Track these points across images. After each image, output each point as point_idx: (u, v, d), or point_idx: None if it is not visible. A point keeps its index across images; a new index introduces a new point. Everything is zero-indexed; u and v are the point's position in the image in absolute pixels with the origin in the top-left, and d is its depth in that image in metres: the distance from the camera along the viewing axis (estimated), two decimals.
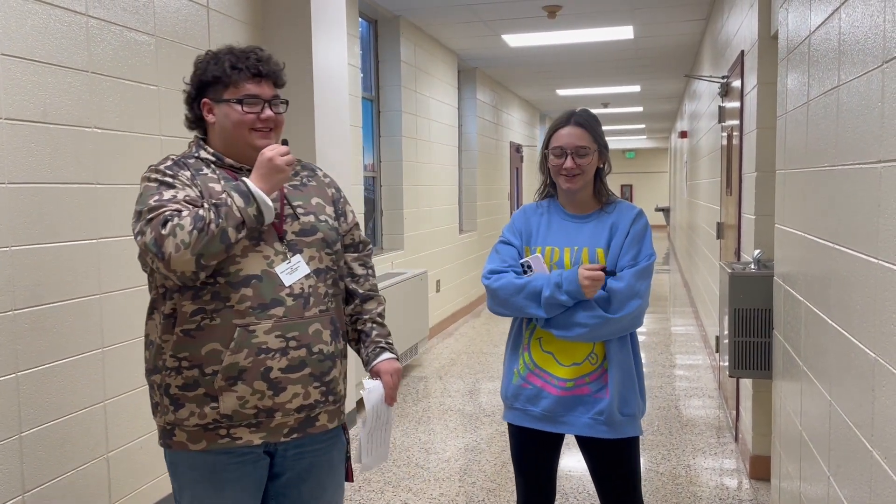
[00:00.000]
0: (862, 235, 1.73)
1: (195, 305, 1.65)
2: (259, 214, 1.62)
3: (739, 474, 3.67)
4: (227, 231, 1.57)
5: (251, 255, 1.66)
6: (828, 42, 2.08)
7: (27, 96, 2.40)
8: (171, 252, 1.55)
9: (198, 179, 1.70)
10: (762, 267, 3.20)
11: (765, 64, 3.47)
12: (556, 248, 2.08)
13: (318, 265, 1.75)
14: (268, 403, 1.67)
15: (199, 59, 1.78)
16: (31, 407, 2.43)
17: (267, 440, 1.71)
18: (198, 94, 1.77)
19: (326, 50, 4.02)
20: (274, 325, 1.65)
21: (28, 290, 2.40)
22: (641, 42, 7.50)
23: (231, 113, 1.72)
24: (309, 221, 1.77)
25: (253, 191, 1.62)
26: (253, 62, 1.73)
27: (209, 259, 1.58)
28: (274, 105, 1.77)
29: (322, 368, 1.73)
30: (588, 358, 2.04)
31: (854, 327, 1.79)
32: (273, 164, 1.65)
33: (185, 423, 1.68)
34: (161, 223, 1.57)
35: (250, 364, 1.64)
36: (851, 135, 1.83)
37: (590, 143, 2.05)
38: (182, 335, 1.66)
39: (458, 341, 7.02)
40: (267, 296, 1.65)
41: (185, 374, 1.66)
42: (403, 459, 3.93)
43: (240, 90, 1.72)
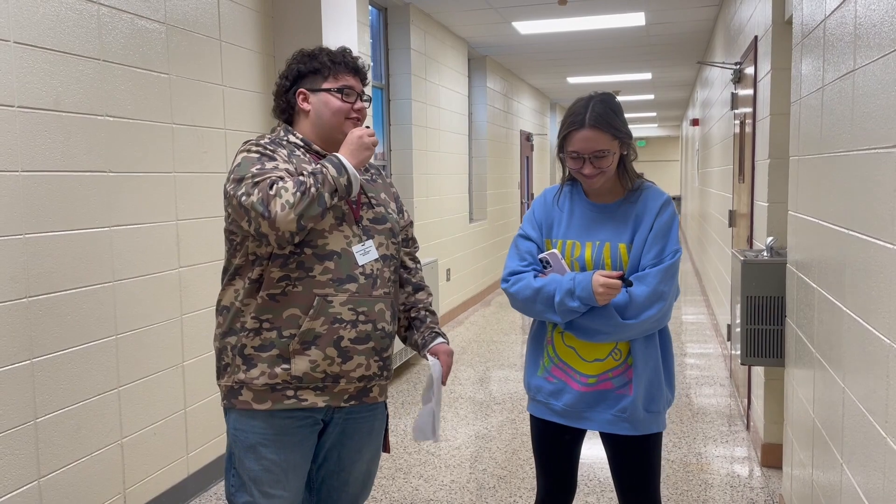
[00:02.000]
0: (878, 221, 1.71)
1: (282, 272, 1.78)
2: (349, 185, 1.77)
3: (751, 462, 3.67)
4: (324, 195, 1.72)
5: (335, 233, 1.82)
6: (843, 26, 2.05)
7: (40, 84, 2.41)
8: (276, 211, 1.67)
9: (293, 158, 1.84)
10: (775, 254, 3.18)
11: (779, 49, 3.43)
12: (576, 241, 1.98)
13: (385, 252, 1.91)
14: (335, 369, 1.81)
15: (295, 55, 1.94)
16: (46, 393, 2.45)
17: (329, 404, 1.84)
18: (292, 84, 1.92)
19: (336, 38, 4.00)
20: (349, 298, 1.80)
21: (42, 278, 2.42)
22: (653, 29, 7.43)
23: (331, 101, 1.88)
24: (380, 212, 1.94)
25: (344, 163, 1.77)
26: (350, 58, 1.92)
27: (308, 220, 1.71)
28: (364, 99, 1.94)
29: (383, 344, 1.88)
30: (611, 354, 1.96)
31: (869, 314, 1.78)
32: (362, 141, 1.81)
33: (255, 381, 1.80)
34: (269, 185, 1.70)
35: (325, 331, 1.78)
36: (867, 120, 1.81)
37: (608, 143, 1.90)
38: (267, 298, 1.79)
39: (468, 330, 7.03)
40: (344, 271, 1.81)
41: (264, 336, 1.80)
42: (414, 446, 3.94)
43: (339, 81, 1.89)
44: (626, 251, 1.94)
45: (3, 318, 2.28)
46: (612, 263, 1.94)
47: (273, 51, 3.88)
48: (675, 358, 2.11)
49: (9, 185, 2.30)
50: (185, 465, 3.19)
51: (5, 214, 2.29)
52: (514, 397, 4.82)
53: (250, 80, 3.67)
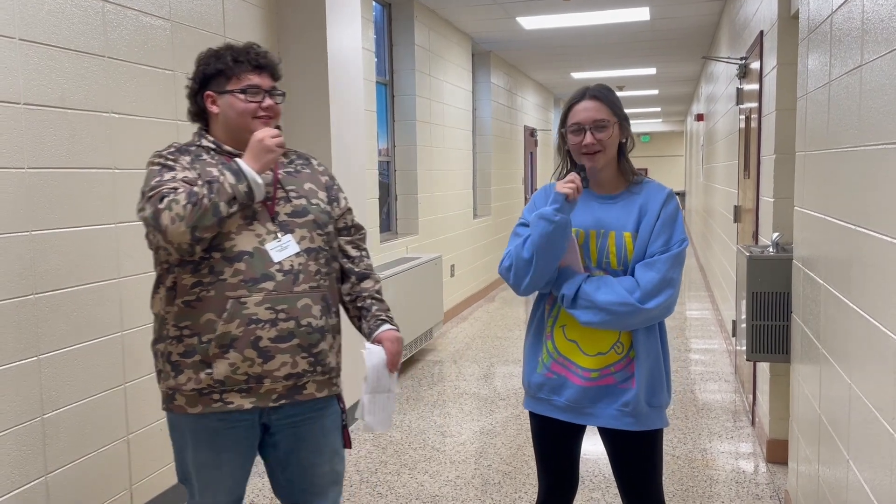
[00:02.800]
0: (887, 217, 1.71)
1: (194, 278, 1.79)
2: (249, 191, 1.76)
3: (756, 458, 3.66)
4: (219, 205, 1.72)
5: (244, 233, 1.81)
6: (851, 21, 2.04)
7: (45, 81, 2.41)
8: (167, 224, 1.70)
9: (197, 164, 1.85)
10: (781, 250, 3.17)
11: (785, 44, 3.42)
12: (580, 230, 1.97)
13: (309, 244, 1.88)
14: (257, 370, 1.81)
15: (201, 55, 1.92)
16: (53, 389, 2.46)
17: (256, 405, 1.84)
18: (200, 87, 1.90)
19: (341, 34, 4.00)
20: (264, 297, 1.79)
21: (48, 275, 2.43)
22: (658, 23, 7.41)
23: (235, 102, 1.86)
24: (301, 204, 1.91)
25: (244, 169, 1.76)
26: (253, 55, 1.88)
27: (203, 231, 1.72)
28: (273, 95, 1.90)
29: (310, 340, 1.85)
30: (614, 347, 1.95)
31: (877, 310, 1.77)
32: (263, 144, 1.79)
33: (184, 387, 1.83)
34: (159, 199, 1.73)
35: (241, 333, 1.78)
36: (875, 115, 1.80)
37: (608, 115, 1.94)
38: (183, 306, 1.81)
39: (472, 325, 7.04)
40: (257, 271, 1.79)
41: (186, 342, 1.82)
42: (419, 442, 3.95)
43: (242, 81, 1.86)
44: (630, 240, 1.94)
45: (10, 314, 2.29)
46: (616, 252, 1.94)
47: (277, 47, 3.88)
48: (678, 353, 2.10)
49: (15, 182, 2.30)
50: None
51: (11, 211, 2.29)
52: (519, 393, 4.82)
53: None
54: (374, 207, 5.22)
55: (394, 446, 3.90)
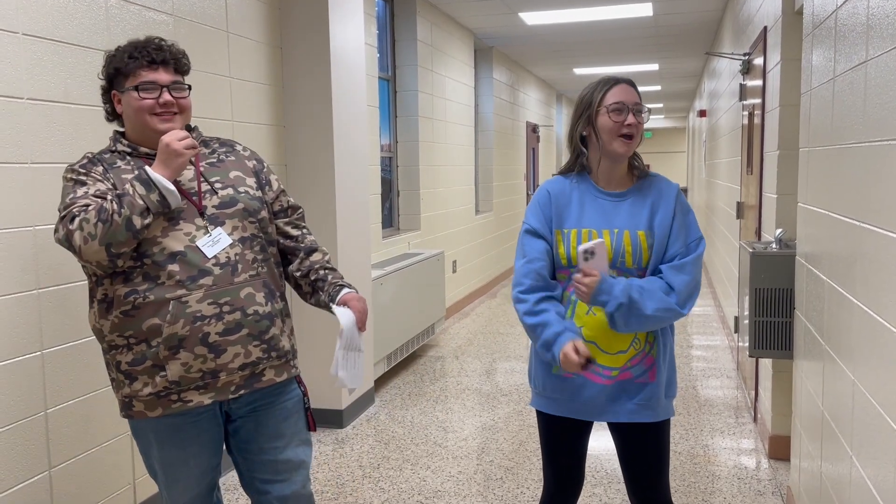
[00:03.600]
0: (891, 213, 1.70)
1: (126, 288, 1.77)
2: (162, 199, 1.72)
3: (758, 454, 3.67)
4: (132, 219, 1.68)
5: (171, 235, 1.78)
6: (856, 16, 2.04)
7: (49, 76, 2.41)
8: (80, 244, 1.67)
9: (110, 173, 1.80)
10: (784, 246, 3.17)
11: (789, 40, 3.41)
12: (593, 230, 1.93)
13: (242, 234, 1.86)
14: (211, 366, 1.80)
15: (106, 55, 1.88)
16: (57, 384, 2.46)
17: (216, 399, 1.84)
18: (109, 87, 1.87)
19: (343, 29, 3.99)
20: (205, 293, 1.77)
21: (52, 270, 2.43)
22: (661, 19, 7.39)
23: (131, 100, 1.82)
24: (228, 194, 1.87)
25: (153, 178, 1.71)
26: (148, 50, 1.82)
27: (119, 247, 1.69)
28: (173, 89, 1.84)
29: (260, 328, 1.85)
30: (633, 344, 1.94)
31: (881, 306, 1.77)
32: (171, 148, 1.73)
33: (140, 393, 1.82)
34: (69, 219, 1.70)
35: (188, 332, 1.77)
36: (881, 110, 1.79)
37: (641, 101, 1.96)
38: (122, 316, 1.78)
39: (474, 321, 7.04)
40: (193, 268, 1.77)
41: (135, 350, 1.80)
42: (422, 437, 3.96)
43: (137, 78, 1.81)
44: (644, 238, 1.93)
45: (13, 309, 2.29)
46: (632, 252, 1.92)
47: (280, 42, 3.88)
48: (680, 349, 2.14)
49: (18, 178, 2.30)
50: None
51: (15, 207, 2.29)
52: (521, 389, 4.82)
53: (258, 72, 3.67)
54: (376, 203, 5.22)
55: (396, 441, 3.91)
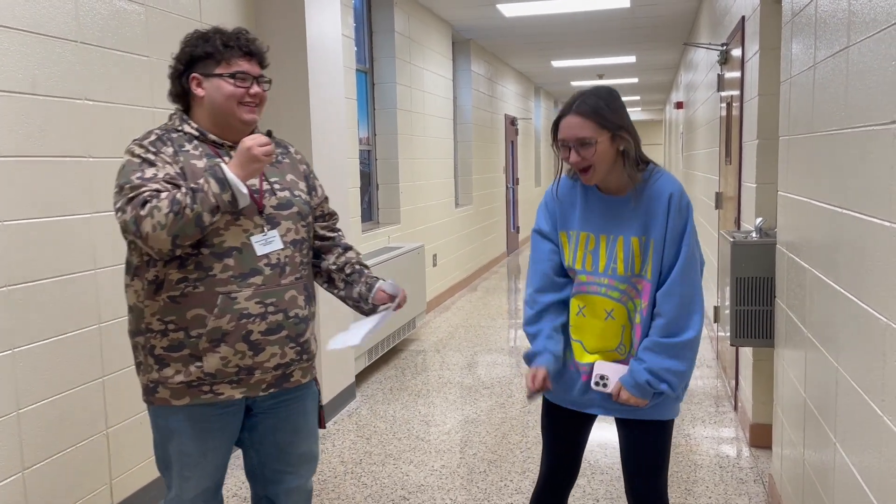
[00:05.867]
0: (874, 199, 1.70)
1: (180, 274, 1.78)
2: (233, 200, 1.73)
3: (739, 443, 3.69)
4: (202, 216, 1.69)
5: (232, 229, 1.80)
6: (836, 2, 2.03)
7: (15, 67, 2.34)
8: (148, 231, 1.67)
9: (180, 156, 1.80)
10: (764, 235, 3.18)
11: (767, 29, 3.41)
12: (591, 234, 1.96)
13: (294, 237, 1.90)
14: (248, 362, 1.83)
15: (188, 37, 1.88)
16: (29, 383, 2.40)
17: (247, 395, 1.88)
18: (186, 68, 1.86)
19: (320, 21, 3.93)
20: (254, 292, 1.80)
21: (22, 266, 2.36)
22: (637, 10, 7.40)
23: (223, 86, 1.83)
24: (285, 196, 1.91)
25: (229, 178, 1.72)
26: (244, 41, 1.86)
27: (184, 240, 1.70)
28: (260, 82, 1.89)
29: (298, 331, 1.90)
30: (617, 349, 1.96)
31: (865, 293, 1.77)
32: (251, 153, 1.74)
33: (170, 381, 1.82)
34: (140, 204, 1.68)
35: (233, 328, 1.79)
36: (863, 96, 1.79)
37: (594, 131, 1.85)
38: (168, 301, 1.79)
39: (455, 315, 7.02)
40: (246, 265, 1.80)
41: (171, 337, 1.80)
42: (404, 432, 3.93)
43: (231, 66, 1.83)
44: (637, 245, 1.92)
45: None
46: (624, 258, 1.92)
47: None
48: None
49: None
50: None
51: None
52: (503, 381, 4.81)
53: None
54: (355, 197, 5.17)
55: (378, 436, 3.88)
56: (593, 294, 1.96)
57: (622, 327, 1.96)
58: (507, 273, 9.71)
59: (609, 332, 1.97)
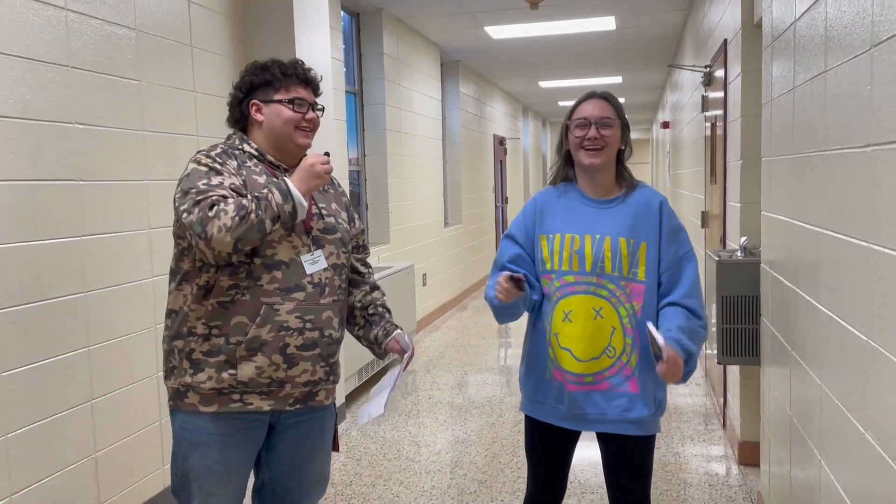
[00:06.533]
0: (852, 220, 1.74)
1: (231, 280, 1.84)
2: (294, 212, 1.81)
3: (728, 460, 3.70)
4: (265, 222, 1.76)
5: (284, 243, 1.88)
6: (814, 28, 2.09)
7: (6, 92, 2.35)
8: (213, 233, 1.72)
9: (243, 170, 1.89)
10: (749, 254, 3.22)
11: (749, 52, 3.48)
12: (576, 235, 1.99)
13: (335, 261, 1.97)
14: (281, 375, 1.88)
15: (248, 67, 2.01)
16: (17, 407, 2.39)
17: (274, 408, 1.92)
18: (245, 96, 1.98)
19: (309, 44, 3.98)
20: (296, 306, 1.86)
21: (11, 289, 2.36)
22: (623, 32, 7.50)
23: (283, 111, 1.94)
24: (331, 222, 2.00)
25: (292, 190, 1.81)
26: (301, 70, 1.99)
27: (245, 244, 1.76)
28: (315, 109, 2.01)
29: (330, 351, 1.95)
30: (605, 352, 1.96)
31: (845, 311, 1.80)
32: (314, 170, 1.85)
33: (202, 385, 1.86)
34: (209, 206, 1.75)
35: (271, 338, 1.84)
36: (840, 119, 1.83)
37: (614, 115, 2.00)
38: (217, 305, 1.85)
39: (445, 334, 7.02)
40: (292, 281, 1.87)
41: (213, 342, 1.86)
42: (394, 453, 3.92)
43: (290, 92, 1.95)
44: (625, 245, 1.95)
45: None
46: (612, 257, 1.96)
47: (245, 56, 3.84)
48: None
49: None
50: (162, 477, 3.13)
51: None
52: (493, 401, 4.82)
53: (223, 86, 3.63)
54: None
55: (368, 457, 3.87)
56: (581, 294, 1.97)
57: (612, 328, 1.97)
58: None
59: (598, 332, 1.96)
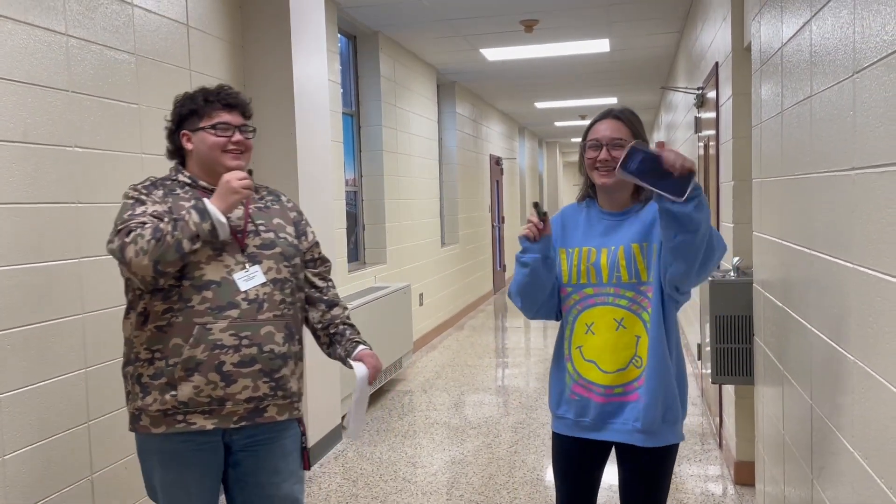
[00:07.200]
0: (838, 241, 1.77)
1: (165, 305, 1.90)
2: (213, 229, 1.86)
3: (724, 480, 3.71)
4: (182, 242, 1.82)
5: (213, 264, 1.92)
6: (799, 53, 2.13)
7: (8, 117, 2.39)
8: (131, 257, 1.81)
9: (169, 198, 1.96)
10: (741, 274, 3.25)
11: (739, 75, 3.54)
12: (592, 248, 2.01)
13: (275, 275, 1.99)
14: (219, 393, 1.91)
15: (176, 98, 2.07)
16: (14, 429, 2.40)
17: (218, 426, 1.94)
18: (177, 127, 2.05)
19: (307, 66, 4.03)
20: (229, 324, 1.90)
21: (10, 311, 2.38)
22: (617, 55, 7.59)
23: (207, 138, 2.00)
24: (269, 237, 2.03)
25: (209, 209, 1.86)
26: (224, 95, 2.03)
27: (165, 266, 1.82)
28: (243, 131, 2.03)
29: (272, 366, 1.96)
30: (632, 362, 1.94)
31: (834, 331, 1.83)
32: (229, 185, 1.89)
33: (150, 408, 1.93)
34: (126, 232, 1.84)
35: (206, 357, 1.88)
36: (825, 143, 1.87)
37: (627, 136, 1.97)
38: (155, 330, 1.92)
39: (442, 354, 7.02)
40: (224, 299, 1.90)
41: (156, 365, 1.92)
42: (390, 474, 3.92)
43: (213, 118, 2.00)
44: (638, 250, 1.96)
45: None
46: (626, 265, 1.96)
47: (244, 80, 3.90)
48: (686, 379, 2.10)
49: None
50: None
51: None
52: (490, 421, 4.82)
53: None
54: (341, 237, 5.22)
55: (364, 479, 3.87)
56: (601, 305, 1.98)
57: (636, 337, 1.95)
58: (494, 311, 9.75)
59: (621, 343, 1.95)
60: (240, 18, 3.87)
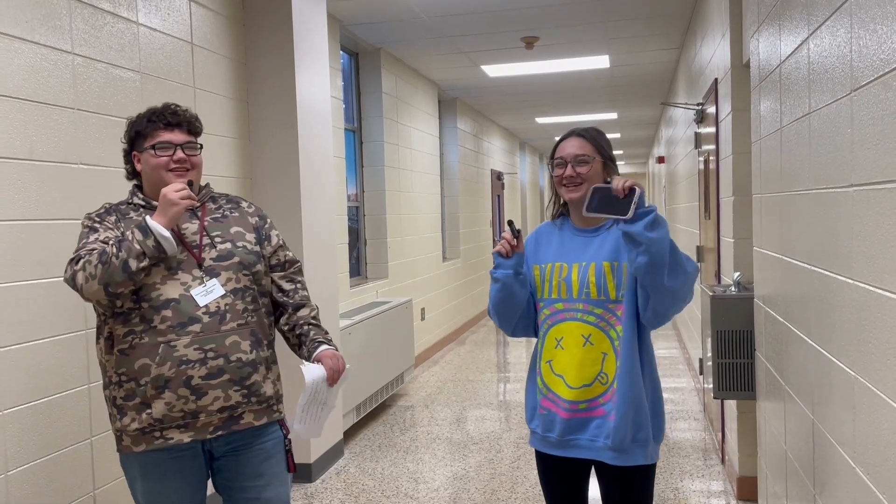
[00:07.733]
0: (837, 257, 1.78)
1: (126, 328, 1.95)
2: (158, 245, 1.90)
3: (727, 496, 3.69)
4: (128, 262, 1.86)
5: (169, 283, 1.95)
6: (798, 71, 2.16)
7: (14, 134, 2.41)
8: (81, 283, 1.87)
9: (122, 222, 2.01)
10: (742, 289, 3.26)
11: (738, 91, 3.56)
12: (564, 263, 2.05)
13: (235, 285, 2.02)
14: (192, 407, 1.95)
15: (128, 120, 2.10)
16: (17, 446, 2.40)
17: (195, 438, 1.98)
18: (130, 150, 2.09)
19: (309, 83, 4.07)
20: (192, 339, 1.93)
21: (14, 327, 2.39)
22: (617, 71, 7.64)
23: (150, 158, 2.04)
24: (226, 248, 2.04)
25: (150, 225, 1.90)
26: (164, 114, 2.05)
27: (116, 287, 1.87)
28: (186, 148, 2.05)
29: (241, 374, 1.99)
30: (598, 378, 1.96)
31: (834, 347, 1.83)
32: (167, 198, 1.92)
33: (128, 428, 1.97)
34: (76, 261, 1.90)
35: (173, 374, 1.92)
36: (824, 160, 1.89)
37: (591, 152, 2.03)
38: (119, 354, 1.96)
39: (443, 369, 7.02)
40: (184, 315, 1.93)
41: (126, 387, 1.96)
42: (392, 489, 3.91)
43: (154, 138, 2.03)
44: (609, 268, 1.98)
45: None
46: (596, 281, 1.98)
47: (247, 97, 3.93)
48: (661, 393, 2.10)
49: None
50: None
51: None
52: (492, 437, 4.81)
53: (225, 126, 3.70)
54: (343, 252, 5.24)
55: (366, 494, 3.86)
56: (570, 321, 2.01)
57: (602, 354, 1.97)
58: (496, 326, 9.73)
59: (588, 359, 1.97)
60: (243, 36, 3.91)
